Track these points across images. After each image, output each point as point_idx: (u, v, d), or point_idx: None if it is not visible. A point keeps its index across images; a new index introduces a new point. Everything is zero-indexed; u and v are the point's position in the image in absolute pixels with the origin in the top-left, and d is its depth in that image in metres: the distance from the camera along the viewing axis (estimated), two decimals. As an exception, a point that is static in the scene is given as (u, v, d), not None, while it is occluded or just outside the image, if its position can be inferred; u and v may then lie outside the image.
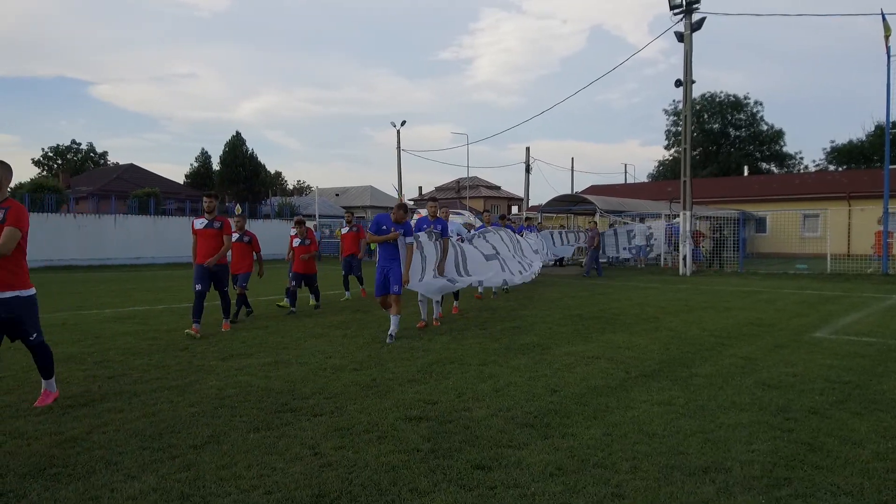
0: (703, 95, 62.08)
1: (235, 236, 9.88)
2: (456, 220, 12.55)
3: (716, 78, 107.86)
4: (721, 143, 64.45)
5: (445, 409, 4.98)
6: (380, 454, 3.97)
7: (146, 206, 33.38)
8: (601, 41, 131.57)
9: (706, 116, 63.71)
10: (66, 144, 70.45)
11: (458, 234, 11.28)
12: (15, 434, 4.40)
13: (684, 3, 21.18)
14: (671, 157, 65.13)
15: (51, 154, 68.83)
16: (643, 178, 67.33)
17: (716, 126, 64.29)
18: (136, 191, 38.73)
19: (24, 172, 72.37)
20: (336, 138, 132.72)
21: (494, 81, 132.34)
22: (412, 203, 55.58)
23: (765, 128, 63.57)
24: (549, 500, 3.31)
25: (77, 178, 55.27)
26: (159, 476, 3.62)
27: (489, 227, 12.68)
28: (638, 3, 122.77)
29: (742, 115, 63.82)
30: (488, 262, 10.84)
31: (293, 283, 11.40)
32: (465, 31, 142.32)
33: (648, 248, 26.20)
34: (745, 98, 63.59)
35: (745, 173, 50.70)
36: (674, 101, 63.34)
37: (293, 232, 12.04)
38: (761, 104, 65.12)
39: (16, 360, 6.86)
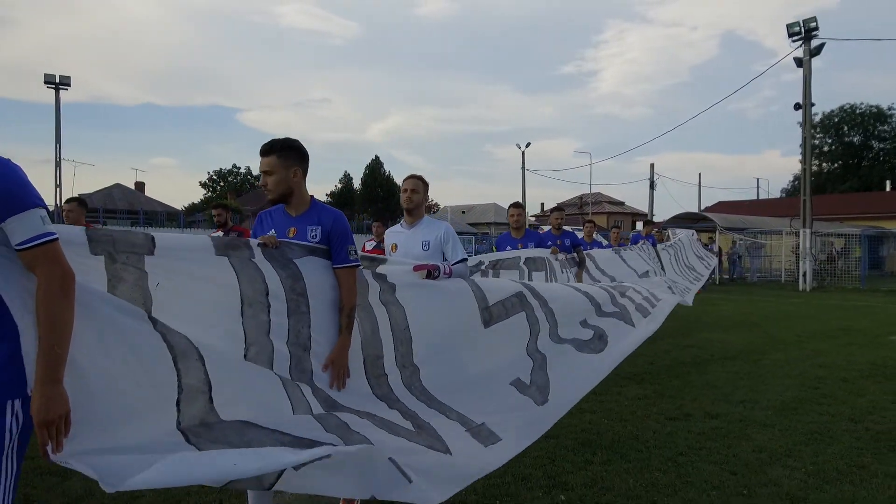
0: (842, 107, 59.62)
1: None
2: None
3: (858, 84, 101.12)
4: (863, 157, 61.33)
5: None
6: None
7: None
8: (734, 47, 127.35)
9: (846, 129, 61.00)
10: (227, 168, 79.41)
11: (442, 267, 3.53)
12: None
13: (803, 30, 22.13)
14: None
15: (215, 177, 77.94)
16: (777, 193, 65.28)
17: (856, 139, 61.33)
18: (290, 210, 43.87)
19: (192, 194, 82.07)
20: (458, 155, 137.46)
21: (619, 93, 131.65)
22: (534, 219, 57.23)
23: (913, 139, 59.81)
24: (630, 408, 5.64)
25: (241, 198, 62.68)
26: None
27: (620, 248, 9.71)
28: (774, 4, 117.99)
29: (886, 127, 60.43)
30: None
31: None
32: (588, 44, 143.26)
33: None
34: (890, 109, 60.16)
35: (888, 188, 48.31)
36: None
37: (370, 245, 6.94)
38: (908, 114, 61.25)
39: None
